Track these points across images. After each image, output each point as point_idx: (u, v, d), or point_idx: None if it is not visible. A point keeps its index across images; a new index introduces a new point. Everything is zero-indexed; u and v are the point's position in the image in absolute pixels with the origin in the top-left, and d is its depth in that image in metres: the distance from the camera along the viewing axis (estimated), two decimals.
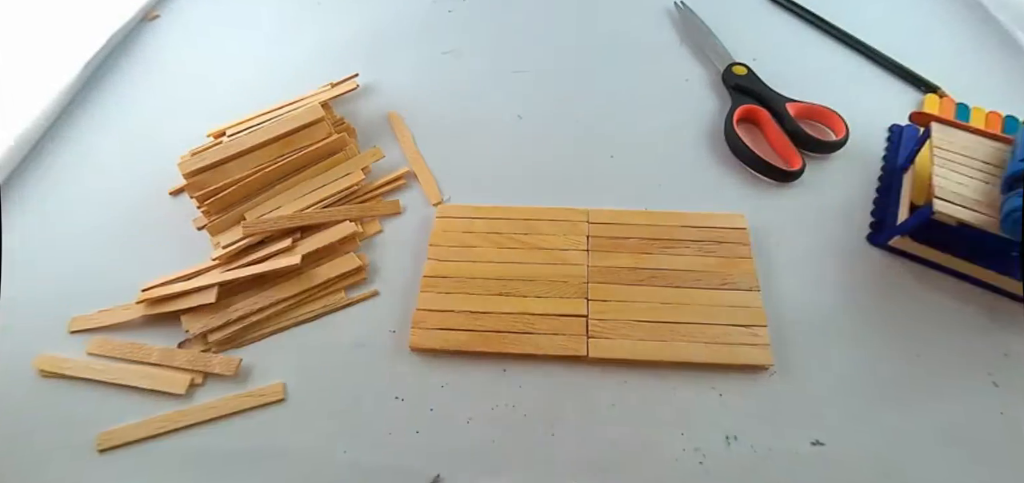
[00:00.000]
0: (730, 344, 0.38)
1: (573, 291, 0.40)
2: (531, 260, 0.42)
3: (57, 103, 0.52)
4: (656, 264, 0.42)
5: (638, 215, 0.45)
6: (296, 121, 0.47)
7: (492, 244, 0.43)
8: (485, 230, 0.44)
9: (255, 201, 0.45)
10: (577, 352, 0.37)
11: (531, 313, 0.39)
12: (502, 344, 0.38)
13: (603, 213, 0.44)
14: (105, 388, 0.37)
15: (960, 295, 0.41)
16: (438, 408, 0.37)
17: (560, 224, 0.44)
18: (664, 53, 0.60)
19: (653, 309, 0.39)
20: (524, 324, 0.39)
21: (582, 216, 0.44)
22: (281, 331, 0.40)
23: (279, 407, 0.37)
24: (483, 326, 0.39)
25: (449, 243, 0.43)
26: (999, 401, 0.36)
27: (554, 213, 0.45)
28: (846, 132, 0.49)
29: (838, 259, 0.43)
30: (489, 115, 0.54)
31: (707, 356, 0.37)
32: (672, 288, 0.40)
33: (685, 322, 0.39)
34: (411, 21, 0.62)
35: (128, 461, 0.35)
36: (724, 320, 0.39)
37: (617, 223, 0.44)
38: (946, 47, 0.60)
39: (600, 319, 0.39)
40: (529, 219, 0.44)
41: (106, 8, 0.60)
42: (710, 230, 0.43)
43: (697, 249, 0.42)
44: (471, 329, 0.39)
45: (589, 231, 0.43)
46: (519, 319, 0.39)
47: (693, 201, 0.47)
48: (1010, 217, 0.35)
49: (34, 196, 0.47)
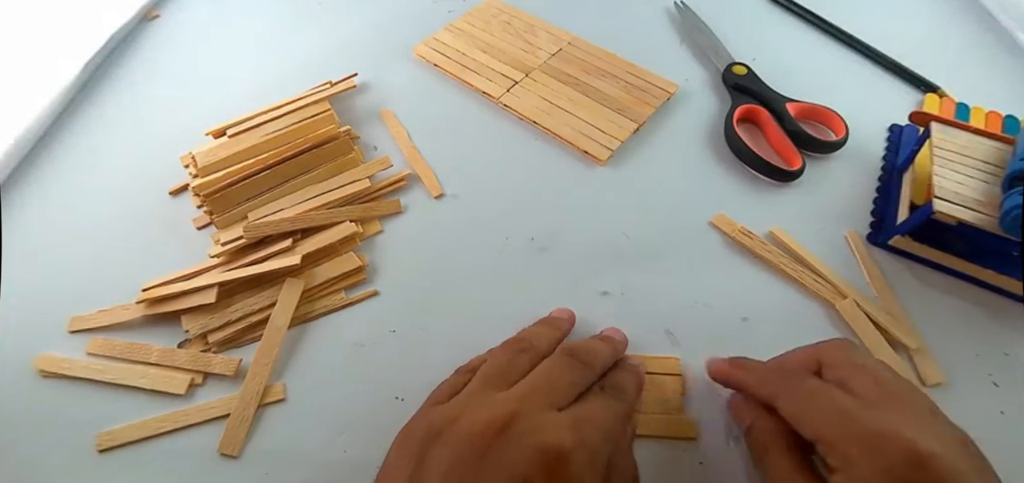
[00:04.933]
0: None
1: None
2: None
3: (57, 103, 0.52)
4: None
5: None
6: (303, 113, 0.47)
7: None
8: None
9: (259, 200, 0.46)
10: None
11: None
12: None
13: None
14: (105, 388, 0.37)
15: (960, 295, 0.41)
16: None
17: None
18: (664, 53, 0.60)
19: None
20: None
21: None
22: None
23: (279, 407, 0.37)
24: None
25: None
26: (999, 401, 0.37)
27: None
28: (846, 132, 0.49)
29: (838, 259, 0.43)
30: (489, 115, 0.54)
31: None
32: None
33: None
34: (411, 21, 0.62)
35: (128, 461, 0.35)
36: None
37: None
38: (946, 47, 0.60)
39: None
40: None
41: (106, 8, 0.60)
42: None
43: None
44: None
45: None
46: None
47: (693, 201, 0.47)
48: (1009, 214, 0.35)
49: (34, 196, 0.47)
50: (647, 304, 0.41)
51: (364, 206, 0.46)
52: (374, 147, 0.51)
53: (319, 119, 0.49)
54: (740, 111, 0.52)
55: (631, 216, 0.46)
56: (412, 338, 0.40)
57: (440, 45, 0.59)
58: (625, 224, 0.46)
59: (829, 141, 0.49)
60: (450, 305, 0.41)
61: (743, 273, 0.43)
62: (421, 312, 0.41)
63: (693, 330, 0.40)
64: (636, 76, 0.56)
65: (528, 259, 0.44)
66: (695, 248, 0.44)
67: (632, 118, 0.52)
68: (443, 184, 0.48)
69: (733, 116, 0.51)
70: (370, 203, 0.46)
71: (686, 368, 0.38)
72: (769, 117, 0.51)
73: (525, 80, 0.56)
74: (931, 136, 0.42)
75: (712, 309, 0.41)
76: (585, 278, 0.42)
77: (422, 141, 0.51)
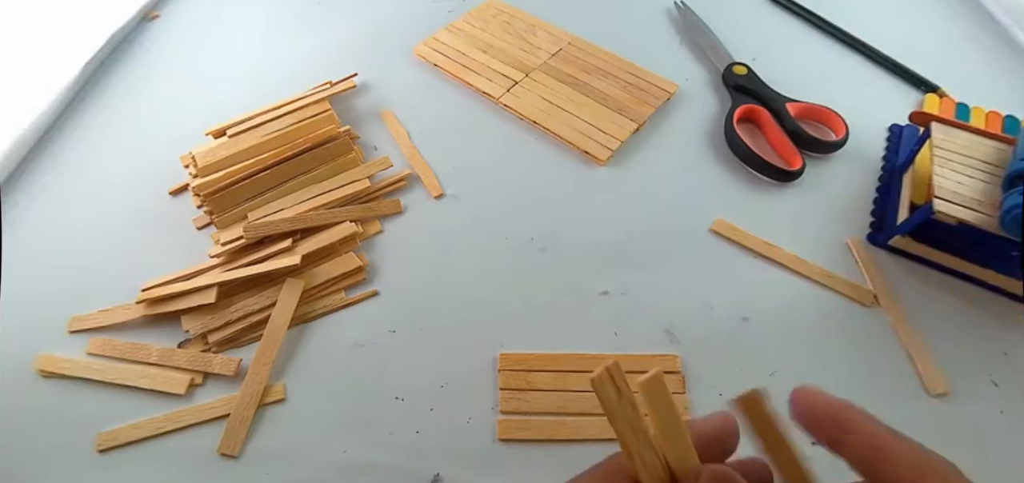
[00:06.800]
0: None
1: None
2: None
3: (57, 103, 0.52)
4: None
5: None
6: (303, 113, 0.47)
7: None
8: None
9: (259, 200, 0.46)
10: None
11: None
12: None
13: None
14: (105, 388, 0.37)
15: (960, 295, 0.41)
16: (438, 408, 0.37)
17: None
18: (664, 53, 0.60)
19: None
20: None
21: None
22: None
23: (279, 407, 0.37)
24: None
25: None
26: (999, 401, 0.37)
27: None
28: (846, 132, 0.49)
29: (838, 259, 0.43)
30: (489, 115, 0.54)
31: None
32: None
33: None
34: (411, 21, 0.62)
35: (128, 461, 0.35)
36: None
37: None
38: (946, 47, 0.60)
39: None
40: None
41: (106, 8, 0.60)
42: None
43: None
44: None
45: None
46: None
47: (693, 201, 0.47)
48: (1009, 214, 0.35)
49: (34, 196, 0.47)
50: (647, 304, 0.41)
51: (364, 206, 0.46)
52: (374, 147, 0.51)
53: (319, 119, 0.49)
54: (740, 111, 0.52)
55: (631, 216, 0.46)
56: (412, 338, 0.40)
57: (440, 45, 0.59)
58: (625, 224, 0.46)
59: (829, 141, 0.49)
60: (450, 305, 0.41)
61: (743, 273, 0.43)
62: (421, 312, 0.41)
63: (693, 330, 0.40)
64: (636, 76, 0.56)
65: (528, 259, 0.44)
66: (695, 248, 0.44)
67: (632, 118, 0.52)
68: (443, 184, 0.48)
69: (733, 116, 0.51)
70: (370, 203, 0.46)
71: (686, 368, 0.38)
72: (769, 117, 0.51)
73: (525, 80, 0.56)
74: (931, 136, 0.42)
75: (712, 309, 0.41)
76: (585, 278, 0.42)
77: (422, 141, 0.51)
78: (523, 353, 0.39)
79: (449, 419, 0.36)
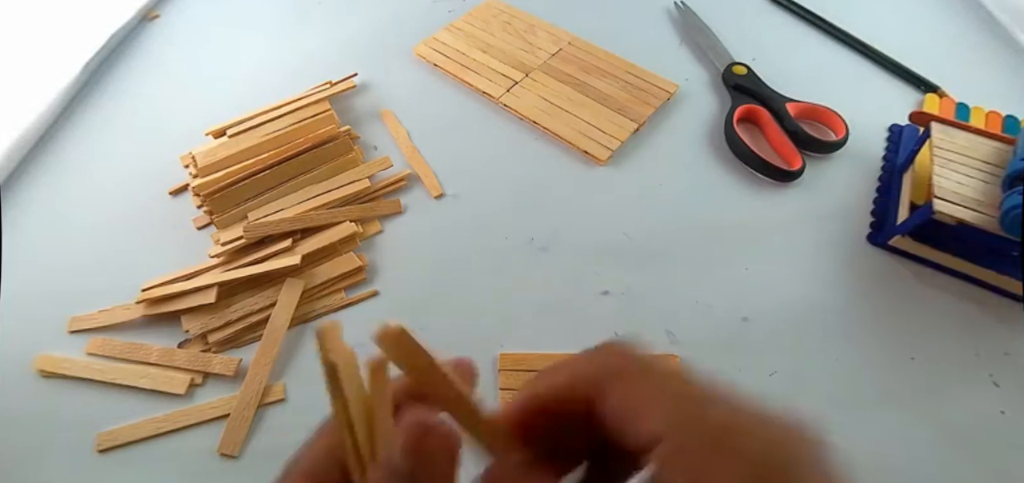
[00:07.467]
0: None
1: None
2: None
3: (57, 103, 0.52)
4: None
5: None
6: (303, 113, 0.47)
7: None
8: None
9: (259, 200, 0.46)
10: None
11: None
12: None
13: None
14: (105, 388, 0.37)
15: (960, 295, 0.41)
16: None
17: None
18: (664, 53, 0.60)
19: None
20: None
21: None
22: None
23: (279, 407, 0.37)
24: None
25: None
26: (999, 401, 0.37)
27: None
28: (846, 132, 0.49)
29: (838, 259, 0.43)
30: (489, 115, 0.54)
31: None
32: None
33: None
34: (411, 21, 0.62)
35: (128, 461, 0.35)
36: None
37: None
38: (946, 47, 0.60)
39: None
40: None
41: (106, 8, 0.60)
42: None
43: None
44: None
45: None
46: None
47: (693, 201, 0.47)
48: (1009, 214, 0.35)
49: (34, 196, 0.47)
50: (647, 304, 0.41)
51: (364, 206, 0.46)
52: (374, 147, 0.51)
53: (319, 119, 0.49)
54: (740, 111, 0.52)
55: (631, 216, 0.46)
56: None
57: (440, 45, 0.59)
58: (625, 224, 0.46)
59: (829, 141, 0.49)
60: (450, 305, 0.41)
61: (743, 273, 0.43)
62: (421, 312, 0.41)
63: (693, 330, 0.40)
64: (636, 76, 0.56)
65: (528, 259, 0.44)
66: (695, 248, 0.44)
67: (632, 118, 0.52)
68: (443, 184, 0.48)
69: (733, 116, 0.51)
70: (370, 203, 0.46)
71: (686, 368, 0.38)
72: (769, 117, 0.51)
73: (525, 80, 0.56)
74: (931, 136, 0.42)
75: (712, 309, 0.41)
76: (585, 278, 0.42)
77: (422, 141, 0.51)
78: (523, 353, 0.39)
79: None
